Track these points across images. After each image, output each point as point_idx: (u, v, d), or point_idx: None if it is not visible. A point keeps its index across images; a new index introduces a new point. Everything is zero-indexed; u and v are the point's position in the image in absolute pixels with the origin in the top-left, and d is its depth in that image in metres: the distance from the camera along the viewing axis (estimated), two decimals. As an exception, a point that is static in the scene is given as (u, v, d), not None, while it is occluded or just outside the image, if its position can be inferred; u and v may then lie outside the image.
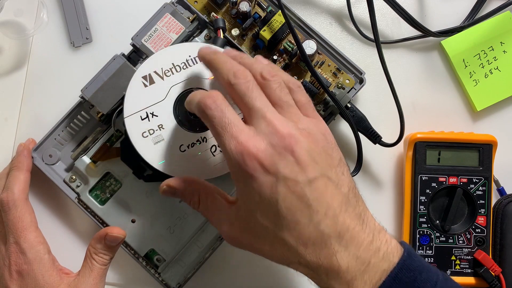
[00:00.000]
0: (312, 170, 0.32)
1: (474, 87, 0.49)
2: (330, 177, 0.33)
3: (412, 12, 0.48)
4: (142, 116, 0.41)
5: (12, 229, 0.42)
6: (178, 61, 0.42)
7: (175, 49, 0.43)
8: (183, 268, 0.45)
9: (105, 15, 0.51)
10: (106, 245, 0.42)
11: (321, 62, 0.47)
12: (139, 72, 0.42)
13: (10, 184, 0.43)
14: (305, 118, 0.35)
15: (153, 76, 0.42)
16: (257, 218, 0.33)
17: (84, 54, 0.50)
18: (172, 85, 0.42)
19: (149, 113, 0.42)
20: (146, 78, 0.42)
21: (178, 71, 0.42)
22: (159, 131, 0.42)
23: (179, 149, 0.42)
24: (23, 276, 0.41)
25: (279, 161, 0.32)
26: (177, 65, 0.42)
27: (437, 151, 0.47)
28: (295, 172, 0.32)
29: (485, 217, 0.46)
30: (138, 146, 0.41)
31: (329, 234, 0.32)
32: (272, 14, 0.45)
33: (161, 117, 0.42)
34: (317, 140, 0.33)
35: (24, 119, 0.49)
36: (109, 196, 0.45)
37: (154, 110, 0.42)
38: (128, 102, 0.42)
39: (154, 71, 0.42)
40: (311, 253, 0.32)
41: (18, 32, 0.50)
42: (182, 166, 0.41)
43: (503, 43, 0.50)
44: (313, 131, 0.34)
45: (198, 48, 0.38)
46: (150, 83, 0.42)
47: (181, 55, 0.42)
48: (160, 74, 0.42)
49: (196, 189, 0.37)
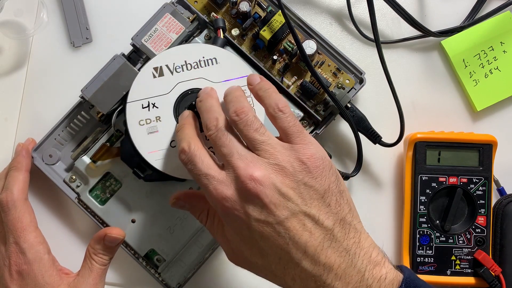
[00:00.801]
0: (283, 209, 0.32)
1: (474, 87, 0.49)
2: (309, 213, 0.32)
3: (412, 12, 0.48)
4: (143, 105, 0.42)
5: (11, 230, 0.42)
6: (191, 60, 0.42)
7: (191, 48, 0.43)
8: (183, 268, 0.45)
9: (105, 15, 0.51)
10: (106, 245, 0.41)
11: (321, 62, 0.47)
12: (152, 62, 0.42)
13: (9, 184, 0.43)
14: (281, 150, 0.33)
15: (163, 69, 0.42)
16: (245, 254, 0.34)
17: (84, 54, 0.50)
18: (179, 82, 0.42)
19: (151, 103, 0.42)
20: (157, 69, 0.42)
21: (189, 69, 0.42)
22: (156, 123, 0.42)
23: (170, 144, 0.42)
24: (23, 276, 0.41)
25: (247, 205, 0.32)
26: (189, 63, 0.42)
27: (437, 151, 0.47)
28: (264, 214, 0.32)
29: (485, 217, 0.46)
30: (133, 132, 0.42)
31: (311, 273, 0.31)
32: (272, 14, 0.45)
33: (161, 110, 0.42)
34: (294, 172, 0.33)
35: (24, 119, 0.49)
36: (109, 196, 0.45)
37: (156, 101, 0.42)
38: (134, 88, 0.42)
39: (165, 65, 0.42)
40: (299, 286, 0.32)
41: (18, 32, 0.50)
42: (170, 161, 0.42)
43: (503, 43, 0.50)
44: (288, 164, 0.33)
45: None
46: (160, 75, 0.42)
47: (195, 54, 0.43)
48: (170, 69, 0.42)
49: (205, 207, 0.38)
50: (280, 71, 0.46)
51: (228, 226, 0.34)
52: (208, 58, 0.42)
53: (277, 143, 0.34)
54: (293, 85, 0.46)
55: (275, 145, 0.34)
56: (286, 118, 0.35)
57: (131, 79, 0.42)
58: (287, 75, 0.47)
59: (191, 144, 0.35)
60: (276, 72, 0.46)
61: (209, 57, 0.42)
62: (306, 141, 0.34)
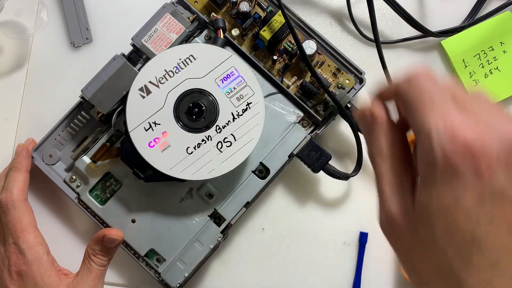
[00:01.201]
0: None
1: (474, 87, 0.49)
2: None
3: (412, 12, 0.48)
4: (145, 127, 0.42)
5: (11, 230, 0.42)
6: (170, 66, 0.43)
7: (165, 56, 0.43)
8: (183, 268, 0.45)
9: (105, 15, 0.51)
10: (104, 246, 0.41)
11: (321, 62, 0.47)
12: (135, 85, 0.42)
13: (8, 185, 0.43)
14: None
15: (148, 86, 0.42)
16: (435, 235, 0.23)
17: (84, 54, 0.50)
18: (169, 91, 0.42)
19: (151, 123, 0.42)
20: (143, 89, 0.42)
21: (172, 76, 0.42)
22: (164, 139, 0.42)
23: (187, 152, 0.42)
24: (22, 277, 0.41)
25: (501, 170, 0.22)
26: (169, 70, 0.42)
27: (437, 151, 0.46)
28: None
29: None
30: (147, 156, 0.42)
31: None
32: (272, 14, 0.45)
33: (164, 124, 0.42)
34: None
35: (24, 119, 0.49)
36: (109, 196, 0.45)
37: (155, 119, 0.42)
38: (129, 116, 0.42)
39: (149, 81, 0.42)
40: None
41: (18, 32, 0.50)
42: (192, 167, 0.42)
43: (503, 43, 0.50)
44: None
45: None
46: (147, 93, 0.42)
47: (171, 60, 0.43)
48: (155, 83, 0.42)
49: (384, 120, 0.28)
50: (280, 71, 0.46)
51: (435, 185, 0.23)
52: (184, 57, 0.43)
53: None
54: (293, 85, 0.46)
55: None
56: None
57: (131, 79, 0.42)
58: (287, 75, 0.47)
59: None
60: (276, 72, 0.46)
61: (185, 57, 0.43)
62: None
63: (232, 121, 0.43)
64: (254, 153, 0.45)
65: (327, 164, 0.46)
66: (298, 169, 0.49)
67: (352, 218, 0.49)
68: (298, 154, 0.45)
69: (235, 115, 0.43)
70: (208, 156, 0.42)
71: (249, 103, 0.43)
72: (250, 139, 0.43)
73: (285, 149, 0.45)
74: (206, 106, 0.43)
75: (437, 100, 0.24)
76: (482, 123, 0.23)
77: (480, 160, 0.22)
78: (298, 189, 0.49)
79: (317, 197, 0.49)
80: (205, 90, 0.43)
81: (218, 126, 0.43)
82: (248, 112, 0.43)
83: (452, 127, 0.23)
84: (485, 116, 0.24)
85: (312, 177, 0.49)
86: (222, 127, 0.43)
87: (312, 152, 0.45)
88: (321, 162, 0.45)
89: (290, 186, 0.49)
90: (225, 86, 0.43)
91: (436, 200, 0.23)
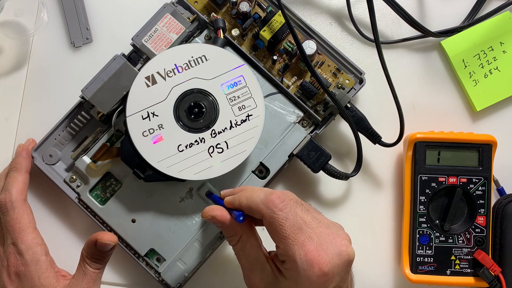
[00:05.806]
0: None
1: (474, 87, 0.50)
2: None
3: (412, 12, 0.48)
4: (143, 116, 0.42)
5: (10, 231, 0.42)
6: (181, 62, 0.42)
7: (179, 50, 0.43)
8: (183, 268, 0.45)
9: (105, 15, 0.51)
10: (98, 250, 0.40)
11: (321, 62, 0.47)
12: (142, 72, 0.42)
13: (8, 185, 0.43)
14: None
15: (155, 76, 0.42)
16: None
17: (84, 54, 0.50)
18: (174, 86, 0.42)
19: (150, 113, 0.42)
20: (149, 78, 0.42)
21: (180, 71, 0.42)
22: (159, 131, 0.42)
23: (177, 149, 0.42)
24: (20, 278, 0.41)
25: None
26: (179, 65, 0.42)
27: (436, 151, 0.47)
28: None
29: (485, 217, 0.46)
30: (138, 145, 0.42)
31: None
32: (272, 14, 0.45)
33: (162, 117, 0.42)
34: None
35: (24, 119, 0.49)
36: (109, 196, 0.45)
37: (155, 110, 0.42)
38: (130, 101, 0.42)
39: (157, 72, 0.42)
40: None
41: (19, 32, 0.50)
42: (180, 165, 0.42)
43: (503, 43, 0.50)
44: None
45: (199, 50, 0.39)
46: (153, 83, 0.42)
47: (184, 56, 0.43)
48: (162, 75, 0.42)
49: (240, 229, 0.38)
50: (280, 71, 0.46)
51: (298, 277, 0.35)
52: (197, 56, 0.43)
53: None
54: (293, 85, 0.47)
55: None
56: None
57: (131, 79, 0.42)
58: (287, 75, 0.47)
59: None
60: (276, 72, 0.46)
61: (198, 56, 0.43)
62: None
63: (229, 128, 0.43)
64: (254, 153, 0.45)
65: (327, 164, 0.46)
66: (298, 169, 0.49)
67: (352, 218, 0.49)
68: (298, 154, 0.45)
69: (233, 124, 0.43)
70: (197, 158, 0.42)
71: (249, 115, 0.43)
72: (242, 150, 0.43)
73: (285, 149, 0.46)
74: (206, 108, 0.43)
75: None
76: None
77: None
78: (298, 189, 0.49)
79: (317, 197, 0.49)
80: (210, 92, 0.43)
81: (214, 130, 0.43)
82: (247, 123, 0.43)
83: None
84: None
85: (312, 177, 0.49)
86: (218, 132, 0.43)
87: (312, 152, 0.45)
88: (321, 162, 0.45)
89: (290, 186, 0.49)
90: (230, 93, 0.43)
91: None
